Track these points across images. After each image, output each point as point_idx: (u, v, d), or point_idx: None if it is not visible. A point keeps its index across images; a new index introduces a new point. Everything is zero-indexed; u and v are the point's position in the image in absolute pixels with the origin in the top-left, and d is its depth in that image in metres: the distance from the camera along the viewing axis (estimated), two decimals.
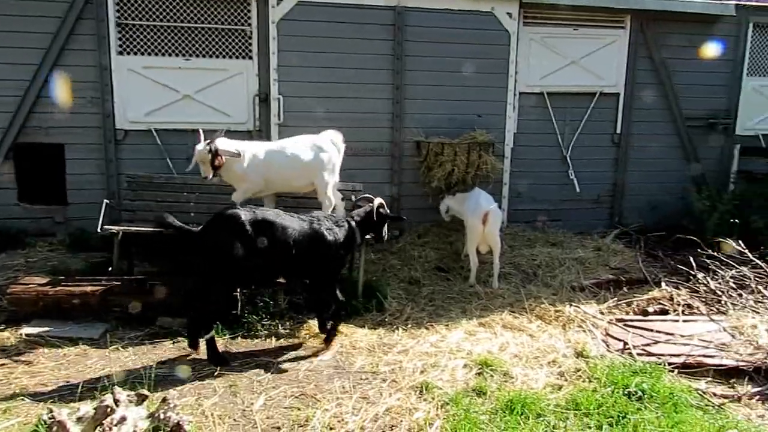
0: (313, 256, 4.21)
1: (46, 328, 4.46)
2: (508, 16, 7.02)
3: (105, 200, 5.55)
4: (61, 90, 6.16)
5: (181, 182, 5.87)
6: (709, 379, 4.09)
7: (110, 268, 5.26)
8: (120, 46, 6.38)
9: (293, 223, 4.14)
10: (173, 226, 3.94)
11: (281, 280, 4.49)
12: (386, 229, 4.83)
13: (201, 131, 5.08)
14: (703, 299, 5.38)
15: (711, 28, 7.62)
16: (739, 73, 7.86)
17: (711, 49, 7.60)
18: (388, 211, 4.81)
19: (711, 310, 5.17)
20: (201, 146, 4.92)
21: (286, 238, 4.05)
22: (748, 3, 7.64)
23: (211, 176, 4.99)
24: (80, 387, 3.64)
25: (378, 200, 4.72)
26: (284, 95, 6.66)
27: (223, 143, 5.00)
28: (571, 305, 5.28)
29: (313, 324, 4.79)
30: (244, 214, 3.95)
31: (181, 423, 2.92)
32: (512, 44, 7.09)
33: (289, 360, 4.22)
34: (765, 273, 5.49)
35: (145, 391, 3.14)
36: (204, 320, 4.08)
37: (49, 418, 2.79)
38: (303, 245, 4.12)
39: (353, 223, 4.52)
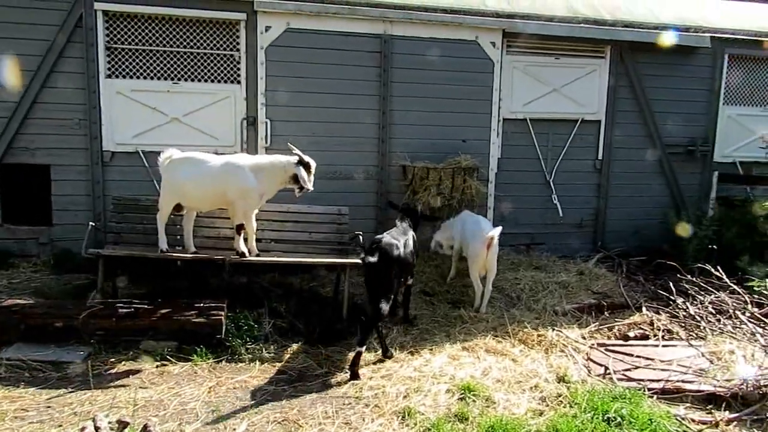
0: (411, 263, 5.18)
1: (28, 352, 4.42)
2: (492, 45, 7.20)
3: (90, 223, 5.54)
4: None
5: None
6: (688, 404, 4.15)
7: (95, 291, 5.24)
8: (109, 69, 6.44)
9: (401, 240, 4.95)
10: (364, 261, 4.71)
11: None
12: None
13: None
14: (683, 324, 5.47)
15: (688, 59, 7.86)
16: (716, 102, 8.09)
17: (688, 79, 7.85)
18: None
19: (690, 335, 5.25)
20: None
21: (406, 254, 4.95)
22: (723, 36, 7.90)
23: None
24: (62, 413, 3.61)
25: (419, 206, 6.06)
26: (271, 119, 6.74)
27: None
28: (553, 329, 5.34)
29: (297, 347, 4.82)
30: (396, 242, 4.84)
31: None
32: (496, 72, 7.27)
33: (273, 384, 4.23)
34: (742, 299, 5.60)
35: (127, 418, 3.14)
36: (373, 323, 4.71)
37: None
38: (408, 256, 5.01)
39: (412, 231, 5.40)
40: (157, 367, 4.41)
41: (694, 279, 5.96)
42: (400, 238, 4.98)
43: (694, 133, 8.08)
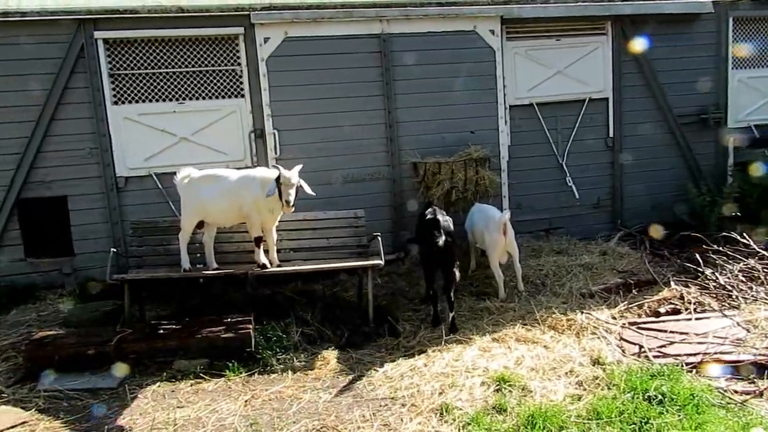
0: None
1: (64, 382, 4.46)
2: (491, 33, 7.14)
3: (112, 249, 5.59)
4: None
5: None
6: (729, 376, 4.09)
7: (123, 316, 5.28)
8: (114, 96, 6.48)
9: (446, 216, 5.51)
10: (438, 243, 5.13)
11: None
12: None
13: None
14: (714, 295, 5.39)
15: (692, 26, 7.75)
16: (725, 67, 7.96)
17: (694, 46, 7.73)
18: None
19: (723, 305, 5.18)
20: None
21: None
22: None
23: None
24: None
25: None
26: (279, 129, 6.75)
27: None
28: (582, 312, 5.29)
29: (327, 354, 4.81)
30: (450, 218, 5.47)
31: None
32: (498, 60, 7.21)
33: (308, 392, 4.22)
34: None
35: None
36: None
37: None
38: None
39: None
40: (191, 385, 4.43)
41: (720, 248, 5.87)
42: (444, 213, 5.53)
43: (704, 100, 7.94)
